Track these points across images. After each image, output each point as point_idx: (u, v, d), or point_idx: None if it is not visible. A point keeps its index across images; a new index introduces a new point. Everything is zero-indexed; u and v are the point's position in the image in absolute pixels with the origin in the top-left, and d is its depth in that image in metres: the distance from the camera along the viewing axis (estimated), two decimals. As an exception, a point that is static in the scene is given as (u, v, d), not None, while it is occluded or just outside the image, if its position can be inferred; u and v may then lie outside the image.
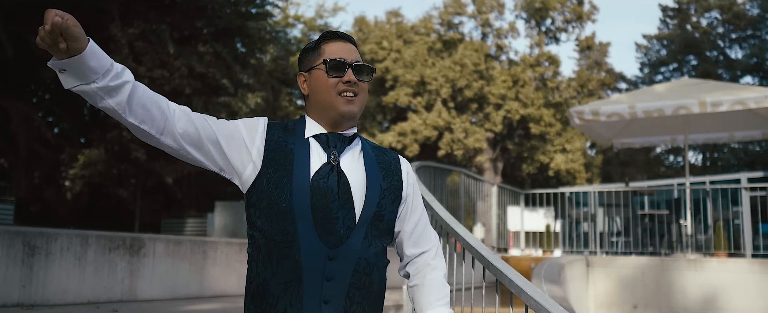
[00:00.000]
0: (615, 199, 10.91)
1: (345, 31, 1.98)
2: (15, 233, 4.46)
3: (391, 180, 1.87)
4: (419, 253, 1.93)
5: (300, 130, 1.83)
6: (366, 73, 1.85)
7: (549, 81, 27.41)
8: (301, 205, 1.71)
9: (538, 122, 26.19)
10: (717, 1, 30.93)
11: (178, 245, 5.39)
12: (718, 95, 9.96)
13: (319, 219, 1.71)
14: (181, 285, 5.41)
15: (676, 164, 32.55)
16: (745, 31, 31.34)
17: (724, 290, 8.84)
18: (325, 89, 1.80)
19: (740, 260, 9.06)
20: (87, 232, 4.86)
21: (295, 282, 1.69)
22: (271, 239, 1.72)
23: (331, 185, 1.75)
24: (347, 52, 1.85)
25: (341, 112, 1.79)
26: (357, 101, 1.82)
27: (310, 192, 1.73)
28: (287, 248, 1.70)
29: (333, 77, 1.80)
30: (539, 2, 27.94)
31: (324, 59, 1.82)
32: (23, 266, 4.41)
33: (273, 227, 1.72)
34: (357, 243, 1.75)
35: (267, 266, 1.72)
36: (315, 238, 1.70)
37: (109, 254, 4.95)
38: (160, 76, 12.98)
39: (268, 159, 1.76)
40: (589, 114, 10.71)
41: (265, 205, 1.73)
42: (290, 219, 1.71)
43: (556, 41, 29.28)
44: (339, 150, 1.81)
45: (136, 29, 13.09)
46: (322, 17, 26.21)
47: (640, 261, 9.48)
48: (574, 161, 26.35)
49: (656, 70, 33.16)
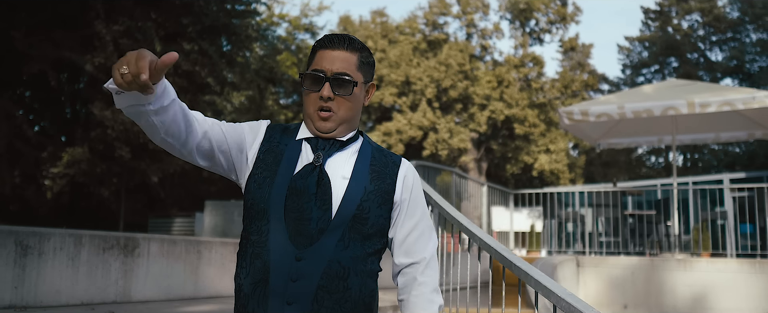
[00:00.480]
0: (603, 199, 10.94)
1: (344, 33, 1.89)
2: (7, 232, 4.33)
3: (381, 183, 1.80)
4: (408, 263, 1.84)
5: (296, 132, 1.83)
6: (345, 86, 1.74)
7: (533, 82, 27.52)
8: (276, 204, 1.70)
9: (522, 123, 26.28)
10: (698, 4, 31.27)
11: (173, 244, 5.29)
12: (706, 96, 10.03)
13: (291, 219, 1.69)
14: (175, 286, 5.31)
15: (658, 165, 32.85)
16: (725, 33, 31.71)
17: (713, 289, 8.89)
18: (305, 103, 1.79)
19: (729, 260, 9.12)
20: (80, 231, 4.73)
21: (263, 283, 1.68)
22: (248, 238, 1.74)
23: (308, 184, 1.72)
24: (331, 61, 1.74)
25: (316, 126, 1.76)
26: (334, 117, 1.75)
27: (287, 192, 1.71)
28: (259, 247, 1.70)
29: (310, 91, 1.75)
30: (523, 3, 28.05)
31: (304, 72, 1.78)
32: (15, 267, 4.29)
33: (251, 227, 1.73)
34: (330, 245, 1.69)
35: (243, 266, 1.73)
36: (285, 238, 1.69)
37: (103, 254, 4.83)
38: (145, 74, 12.78)
39: (260, 161, 1.76)
40: (578, 114, 10.72)
41: (249, 205, 1.75)
42: (265, 219, 1.71)
43: (540, 42, 29.42)
44: (328, 152, 1.77)
45: (121, 26, 12.91)
46: (307, 16, 26.08)
47: (630, 261, 9.51)
48: (558, 162, 26.49)
49: (638, 71, 33.45)
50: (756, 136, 12.28)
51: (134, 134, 12.65)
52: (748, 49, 30.78)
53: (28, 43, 12.56)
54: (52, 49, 12.75)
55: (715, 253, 10.76)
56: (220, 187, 27.03)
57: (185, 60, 13.26)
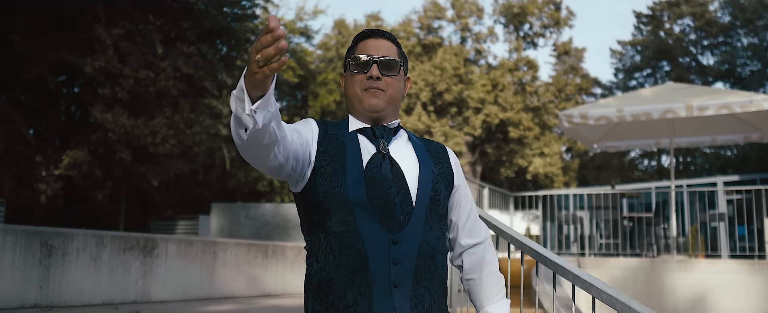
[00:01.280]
0: (603, 201, 11.05)
1: (371, 30, 1.97)
2: (33, 232, 4.36)
3: (442, 166, 1.90)
4: (474, 243, 1.95)
5: (345, 126, 1.86)
6: (392, 68, 1.85)
7: (527, 85, 27.68)
8: (357, 194, 1.72)
9: (516, 126, 26.42)
10: (689, 9, 31.54)
11: (190, 245, 5.33)
12: (704, 99, 10.15)
13: (377, 207, 1.73)
14: (192, 286, 5.35)
15: (651, 168, 33.07)
16: (716, 37, 31.99)
17: (713, 290, 9.00)
18: (351, 85, 1.85)
19: (728, 261, 9.24)
20: (102, 232, 4.77)
21: (362, 271, 1.69)
22: (331, 231, 1.73)
23: (384, 173, 1.76)
24: (376, 48, 1.86)
25: (365, 105, 1.81)
26: (383, 95, 1.82)
27: (365, 181, 1.74)
28: (349, 238, 1.71)
29: (358, 74, 1.83)
30: (518, 7, 28.21)
31: (350, 57, 1.86)
32: (41, 267, 4.32)
33: (332, 220, 1.73)
34: (418, 227, 1.76)
35: (330, 260, 1.72)
36: (376, 224, 1.71)
37: (123, 255, 4.87)
38: (145, 77, 12.82)
39: (322, 154, 1.78)
40: (578, 117, 10.82)
41: (321, 199, 1.74)
42: (348, 209, 1.72)
43: (533, 46, 29.59)
44: (387, 140, 1.84)
45: (121, 29, 12.93)
46: (303, 20, 26.15)
47: (630, 262, 9.62)
48: (552, 165, 26.64)
49: (631, 75, 33.68)
50: (752, 139, 12.42)
51: (135, 137, 12.67)
52: (739, 53, 31.07)
53: (28, 47, 12.57)
54: (52, 52, 12.76)
55: (710, 255, 10.89)
56: (214, 190, 26.99)
57: (185, 63, 13.29)
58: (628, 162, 32.70)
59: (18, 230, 4.34)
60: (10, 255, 4.22)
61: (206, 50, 13.77)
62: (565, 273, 2.43)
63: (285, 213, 11.09)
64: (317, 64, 27.80)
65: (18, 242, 4.25)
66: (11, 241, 4.23)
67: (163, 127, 12.67)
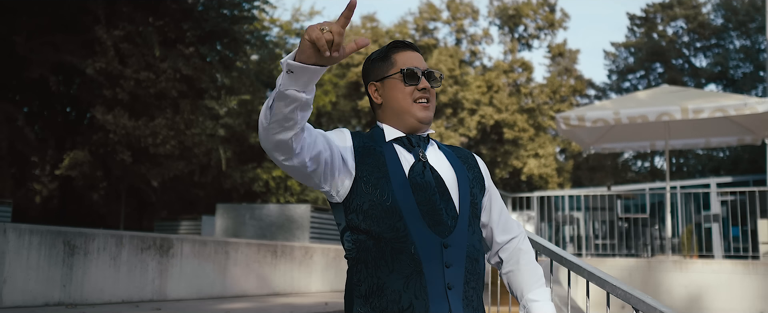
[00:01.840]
0: (600, 203, 11.20)
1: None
2: (57, 232, 4.48)
3: (474, 172, 1.98)
4: (509, 239, 2.02)
5: (379, 135, 1.91)
6: (437, 79, 1.93)
7: (522, 87, 27.86)
8: (406, 201, 1.78)
9: (511, 127, 26.60)
10: (682, 11, 31.81)
11: (203, 245, 5.45)
12: (700, 102, 10.32)
13: (425, 212, 1.79)
14: (206, 285, 5.47)
15: (644, 169, 33.31)
16: (709, 40, 32.27)
17: (708, 290, 9.17)
18: (402, 97, 1.88)
19: (724, 262, 9.41)
20: (121, 232, 4.89)
21: (416, 274, 1.74)
22: (381, 238, 1.76)
23: (428, 180, 1.83)
24: (418, 60, 1.92)
25: (420, 118, 1.87)
26: (431, 107, 1.91)
27: (411, 188, 1.80)
28: (400, 243, 1.75)
29: (409, 85, 1.88)
30: (512, 9, 28.40)
31: (400, 69, 1.89)
32: (64, 266, 4.44)
33: (381, 227, 1.76)
34: (464, 231, 1.83)
35: (381, 265, 1.76)
36: (426, 230, 1.77)
37: (141, 254, 5.00)
38: (146, 79, 12.91)
39: (361, 163, 1.82)
40: (575, 120, 10.97)
41: (367, 207, 1.78)
42: (397, 216, 1.76)
43: (528, 48, 29.78)
44: (424, 149, 1.90)
45: (122, 31, 13.01)
46: (299, 21, 26.24)
47: (627, 263, 9.78)
48: (547, 166, 26.83)
49: (624, 77, 33.91)
50: (745, 142, 12.61)
51: (135, 138, 12.76)
52: (731, 55, 31.35)
53: (29, 48, 12.64)
54: (53, 53, 12.83)
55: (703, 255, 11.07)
56: (210, 191, 27.03)
57: (185, 65, 13.38)
58: (622, 163, 32.94)
59: (42, 230, 4.46)
60: (36, 254, 4.34)
61: (206, 52, 13.86)
62: (580, 271, 2.57)
63: (290, 214, 11.24)
64: (313, 65, 27.82)
65: (43, 242, 4.37)
66: (36, 241, 4.35)
67: (164, 129, 12.77)
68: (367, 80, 1.99)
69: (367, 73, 1.99)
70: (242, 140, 24.41)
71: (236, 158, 24.22)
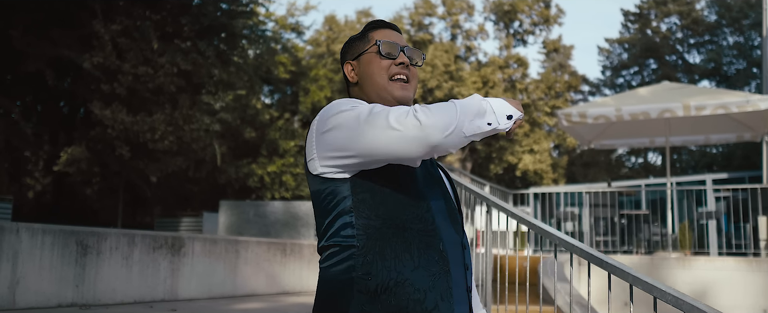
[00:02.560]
0: (602, 199, 11.19)
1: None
2: (70, 232, 4.39)
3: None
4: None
5: None
6: (417, 57, 1.76)
7: (517, 82, 27.86)
8: (431, 192, 1.60)
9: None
10: (676, 7, 31.87)
11: (214, 244, 5.38)
12: (702, 99, 10.32)
13: (445, 209, 1.64)
14: (216, 284, 5.40)
15: (637, 165, 33.43)
16: (702, 36, 32.36)
17: (712, 287, 9.18)
18: (377, 72, 1.70)
19: (727, 259, 9.42)
20: (133, 231, 4.82)
21: (444, 274, 1.56)
22: (405, 227, 1.54)
23: (436, 173, 1.69)
24: (397, 37, 1.77)
25: (397, 96, 1.68)
26: (410, 87, 1.72)
27: (431, 178, 1.64)
28: (429, 237, 1.55)
29: (385, 59, 1.70)
30: (508, 5, 28.37)
31: (376, 41, 1.73)
32: (77, 266, 4.36)
33: (406, 214, 1.54)
34: (465, 231, 1.71)
35: (404, 258, 1.52)
36: (449, 226, 1.61)
37: (153, 254, 4.92)
38: (144, 73, 12.78)
39: None
40: (576, 116, 10.95)
41: (390, 189, 1.55)
42: (425, 206, 1.57)
43: (523, 43, 29.77)
44: None
45: (120, 25, 12.87)
46: (294, 15, 26.11)
47: (630, 260, 9.77)
48: (542, 162, 26.87)
49: (618, 73, 33.97)
50: (744, 139, 12.65)
51: (134, 134, 12.65)
52: (725, 51, 31.47)
53: (26, 42, 12.49)
54: (50, 47, 12.69)
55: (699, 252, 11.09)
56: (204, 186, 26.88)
57: (183, 60, 13.26)
58: (616, 159, 33.03)
59: (55, 229, 4.38)
60: (49, 255, 4.25)
61: (204, 47, 13.75)
62: (624, 275, 2.52)
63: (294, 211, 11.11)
64: (308, 60, 27.79)
65: (55, 242, 4.29)
66: (49, 241, 4.27)
67: (162, 124, 12.66)
68: (343, 61, 1.82)
69: (344, 54, 1.83)
70: (237, 135, 24.29)
71: (231, 153, 24.11)
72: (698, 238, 11.68)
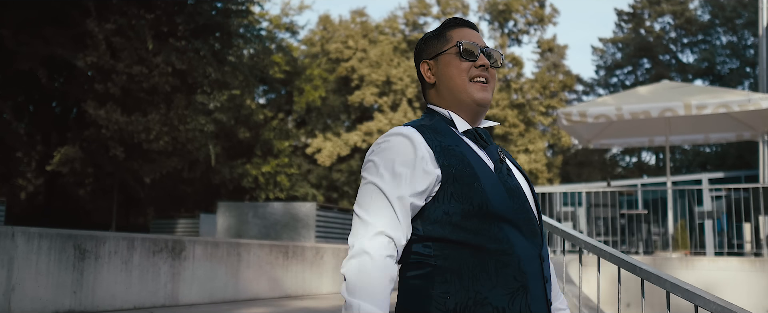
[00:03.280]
0: (602, 199, 11.11)
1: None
2: (67, 236, 4.24)
3: (526, 175, 1.80)
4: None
5: (444, 128, 1.68)
6: (496, 58, 1.74)
7: (512, 82, 27.80)
8: (505, 208, 1.59)
9: (502, 123, 26.53)
10: (670, 7, 31.91)
11: (216, 247, 5.24)
12: (703, 98, 10.25)
13: (523, 221, 1.61)
14: (218, 288, 5.26)
15: (631, 165, 33.44)
16: (696, 36, 32.42)
17: (715, 287, 9.10)
18: (457, 73, 1.68)
19: (731, 258, 9.35)
20: (133, 235, 4.67)
21: (522, 290, 1.56)
22: (482, 249, 1.55)
23: (515, 184, 1.65)
24: (476, 37, 1.74)
25: (476, 99, 1.67)
26: (489, 88, 1.71)
27: (506, 193, 1.61)
28: (504, 255, 1.56)
29: (466, 61, 1.68)
30: (502, 4, 28.30)
31: (456, 42, 1.70)
32: (74, 271, 4.21)
33: (480, 238, 1.56)
34: (545, 242, 1.70)
35: (482, 278, 1.55)
36: (525, 240, 1.60)
37: (153, 258, 4.77)
38: (138, 73, 12.60)
39: (446, 167, 1.59)
40: (576, 115, 10.86)
41: (458, 219, 1.57)
42: (497, 225, 1.57)
43: (518, 43, 29.73)
44: (494, 146, 1.72)
45: (114, 24, 12.69)
46: (288, 15, 25.96)
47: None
48: (537, 161, 26.82)
49: (612, 72, 33.99)
50: (744, 138, 12.60)
51: (128, 134, 12.47)
52: (718, 51, 31.52)
53: (18, 41, 12.30)
54: (43, 46, 12.50)
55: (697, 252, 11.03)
56: (198, 187, 26.69)
57: (178, 59, 13.09)
58: (610, 159, 33.03)
59: (52, 233, 4.21)
60: (45, 259, 4.09)
61: (199, 46, 13.59)
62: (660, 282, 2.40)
63: (294, 212, 10.94)
64: (302, 60, 27.63)
65: (52, 246, 4.12)
66: (46, 245, 4.10)
67: (157, 124, 12.49)
68: (419, 60, 1.79)
69: (419, 53, 1.79)
70: (231, 135, 24.12)
71: (225, 154, 23.94)
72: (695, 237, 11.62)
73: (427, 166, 1.58)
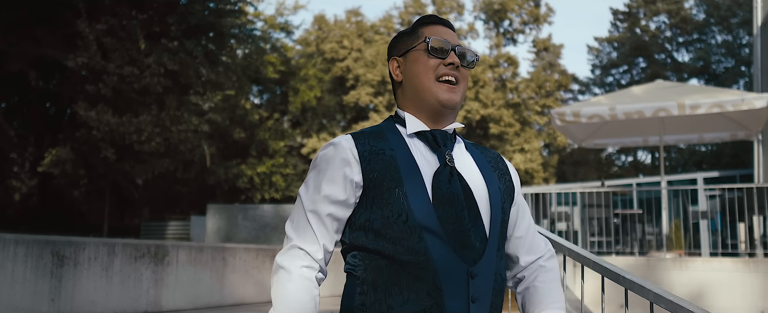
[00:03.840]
0: (596, 199, 11.06)
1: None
2: (44, 242, 4.16)
3: (505, 181, 1.67)
4: (535, 259, 1.72)
5: (391, 130, 1.60)
6: (469, 58, 1.64)
7: (508, 82, 27.76)
8: (428, 217, 1.48)
9: (497, 122, 26.49)
10: (665, 6, 31.91)
11: (200, 252, 5.17)
12: (697, 98, 10.21)
13: (451, 232, 1.49)
14: (203, 294, 5.19)
15: (627, 164, 33.44)
16: (691, 35, 32.43)
17: (709, 288, 9.06)
18: (424, 71, 1.58)
19: (724, 259, 9.31)
20: (114, 240, 4.59)
21: (436, 308, 1.46)
22: (396, 260, 1.47)
23: (455, 190, 1.53)
24: (450, 35, 1.64)
25: (441, 100, 1.57)
26: (458, 90, 1.60)
27: (434, 201, 1.50)
28: (419, 269, 1.46)
29: (434, 58, 1.58)
30: (498, 4, 28.26)
31: (425, 38, 1.61)
32: (52, 278, 4.13)
33: (396, 248, 1.47)
34: (492, 257, 1.54)
35: (394, 293, 1.46)
36: (451, 254, 1.48)
37: (134, 263, 4.70)
38: (130, 74, 12.52)
39: (369, 171, 1.52)
40: (570, 115, 10.82)
41: (378, 226, 1.49)
42: (417, 236, 1.47)
43: (513, 42, 29.70)
44: (449, 148, 1.60)
45: (105, 25, 12.61)
46: (283, 15, 25.88)
47: (626, 261, 9.63)
48: (533, 161, 26.78)
49: (607, 71, 33.99)
50: (738, 137, 12.57)
51: (120, 135, 12.39)
52: (713, 50, 31.53)
53: (8, 41, 12.21)
54: (33, 47, 12.42)
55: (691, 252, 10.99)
56: (193, 187, 26.62)
57: (170, 60, 13.01)
58: (605, 158, 33.02)
59: (29, 240, 4.14)
60: (22, 266, 4.01)
61: (191, 46, 13.51)
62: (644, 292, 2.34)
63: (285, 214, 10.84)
64: (297, 60, 27.55)
65: (29, 253, 4.05)
66: (22, 252, 4.03)
67: (149, 125, 12.41)
68: (389, 57, 1.71)
69: (390, 50, 1.71)
70: (226, 136, 24.05)
71: (220, 154, 23.87)
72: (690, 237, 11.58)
73: (350, 172, 1.52)
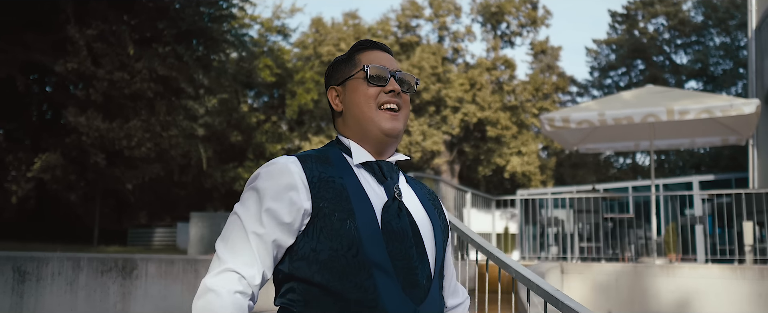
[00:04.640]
0: (585, 204, 11.02)
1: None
2: (5, 258, 4.14)
3: (442, 218, 1.63)
4: (458, 304, 1.70)
5: (338, 157, 1.53)
6: (410, 83, 1.58)
7: (505, 84, 27.72)
8: (378, 253, 1.42)
9: (494, 125, 26.45)
10: (663, 8, 31.85)
11: (170, 265, 5.14)
12: (686, 104, 10.17)
13: (400, 269, 1.43)
14: (173, 307, 5.16)
15: (625, 166, 33.37)
16: (689, 37, 32.36)
17: (696, 295, 9.01)
18: (364, 100, 1.53)
19: (711, 266, 9.26)
20: (79, 255, 4.56)
21: None
22: (342, 297, 1.39)
23: (404, 226, 1.47)
24: (388, 61, 1.58)
25: (384, 129, 1.51)
26: (400, 117, 1.54)
27: (384, 237, 1.43)
28: (365, 308, 1.40)
29: (374, 86, 1.53)
30: (495, 6, 28.22)
31: (363, 66, 1.55)
32: (13, 295, 4.11)
33: (344, 284, 1.40)
34: (437, 296, 1.50)
35: None
36: (399, 293, 1.42)
37: (101, 277, 4.67)
38: (120, 79, 12.52)
39: (319, 200, 1.44)
40: (559, 121, 10.79)
41: (325, 257, 1.41)
42: (366, 272, 1.40)
43: (511, 45, 29.65)
44: (394, 181, 1.53)
45: (95, 30, 12.60)
46: (279, 18, 25.88)
47: (614, 268, 9.60)
48: (530, 164, 26.74)
49: (606, 74, 33.93)
50: (729, 142, 12.52)
51: (109, 141, 12.38)
52: (711, 52, 31.46)
53: (-3, 47, 12.22)
54: (22, 52, 12.41)
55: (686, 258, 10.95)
56: (190, 190, 26.62)
57: (161, 65, 13.00)
58: (604, 160, 32.96)
59: (-12, 256, 4.13)
60: (-19, 283, 4.00)
61: (182, 51, 13.49)
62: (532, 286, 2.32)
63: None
64: (294, 63, 27.55)
65: (-11, 269, 4.04)
66: (-19, 268, 4.02)
67: (139, 131, 12.40)
68: (327, 86, 1.64)
69: (328, 78, 1.65)
70: (223, 139, 24.05)
71: (217, 157, 23.87)
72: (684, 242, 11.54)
73: (298, 197, 1.43)
